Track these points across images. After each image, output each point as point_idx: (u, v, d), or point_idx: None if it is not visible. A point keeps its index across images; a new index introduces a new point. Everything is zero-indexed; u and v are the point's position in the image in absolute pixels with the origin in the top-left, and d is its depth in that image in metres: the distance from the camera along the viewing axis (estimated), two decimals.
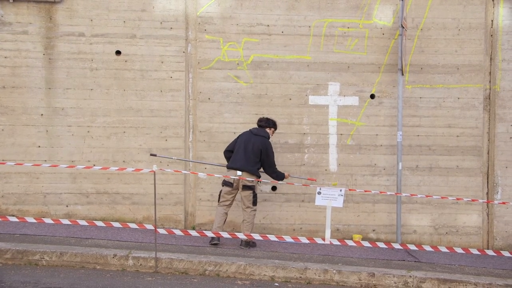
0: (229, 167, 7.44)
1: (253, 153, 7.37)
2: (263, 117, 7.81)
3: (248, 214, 7.44)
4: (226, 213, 7.47)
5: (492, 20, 8.50)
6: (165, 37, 8.28)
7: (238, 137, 7.61)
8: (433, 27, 8.46)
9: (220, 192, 7.49)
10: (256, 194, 7.49)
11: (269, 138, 7.60)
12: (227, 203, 7.44)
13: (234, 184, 7.36)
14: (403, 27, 7.97)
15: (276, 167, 7.64)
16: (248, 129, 7.67)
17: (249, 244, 7.46)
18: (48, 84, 8.19)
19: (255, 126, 7.78)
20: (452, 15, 8.45)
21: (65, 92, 8.21)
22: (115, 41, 8.24)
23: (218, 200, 7.50)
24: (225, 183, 7.42)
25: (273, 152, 7.56)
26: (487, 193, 8.58)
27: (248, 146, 7.38)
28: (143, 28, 8.26)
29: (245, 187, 7.38)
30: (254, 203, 7.46)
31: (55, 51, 8.18)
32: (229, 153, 7.58)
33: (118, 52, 8.26)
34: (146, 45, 8.27)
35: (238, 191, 7.45)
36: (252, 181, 7.35)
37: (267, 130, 7.65)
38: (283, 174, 7.71)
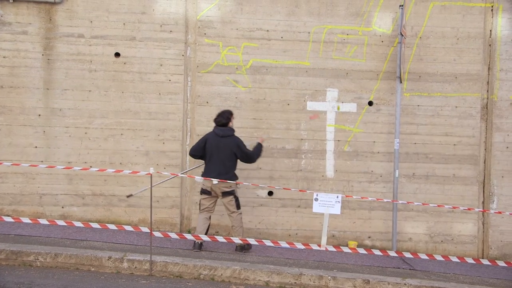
0: (204, 177, 7.26)
1: (227, 158, 7.24)
2: (220, 115, 7.42)
3: (235, 219, 7.34)
4: (208, 218, 7.34)
5: (490, 30, 8.54)
6: (165, 40, 8.29)
7: (205, 141, 7.31)
8: (432, 36, 8.50)
9: (200, 200, 7.40)
10: (237, 198, 7.35)
11: (234, 131, 7.43)
12: (208, 210, 7.33)
13: (212, 192, 7.26)
14: (402, 35, 7.99)
15: (248, 148, 7.43)
16: (211, 131, 7.40)
17: (244, 248, 7.43)
18: (46, 84, 8.19)
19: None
20: (451, 24, 8.49)
21: (63, 93, 8.20)
22: (115, 43, 8.24)
23: (199, 208, 7.39)
24: (203, 191, 7.31)
25: (244, 144, 7.38)
26: (483, 202, 8.60)
27: (220, 153, 7.21)
28: (142, 31, 8.26)
29: (226, 193, 7.26)
30: (238, 206, 7.34)
31: (54, 52, 8.18)
32: (196, 156, 7.39)
33: (117, 54, 8.26)
34: (145, 47, 8.27)
35: (219, 198, 7.33)
36: (231, 186, 7.25)
37: (230, 124, 7.45)
38: (260, 146, 7.56)
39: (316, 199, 7.46)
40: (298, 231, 8.48)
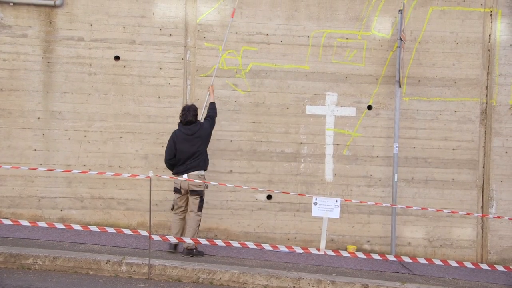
0: (174, 173, 7.19)
1: (198, 150, 7.12)
2: (186, 111, 7.20)
3: (193, 219, 7.12)
4: (183, 219, 7.23)
5: (489, 35, 8.56)
6: (164, 43, 8.30)
7: (174, 144, 7.16)
8: (431, 40, 8.51)
9: (174, 199, 7.28)
10: (203, 200, 7.23)
11: (199, 120, 7.34)
12: (181, 209, 7.21)
13: (182, 190, 7.13)
14: (402, 40, 8.01)
15: (211, 118, 7.40)
16: (177, 130, 7.23)
17: (192, 252, 7.12)
18: (46, 87, 8.19)
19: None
20: (450, 29, 8.51)
21: (62, 96, 8.20)
22: (114, 46, 8.25)
23: (173, 208, 7.25)
24: (175, 190, 7.21)
25: (209, 121, 7.34)
26: (482, 207, 8.60)
27: (191, 148, 7.09)
28: (142, 34, 8.27)
29: (193, 192, 7.11)
30: (200, 208, 7.17)
31: (54, 55, 8.18)
32: (171, 161, 7.24)
33: (117, 58, 8.27)
34: (145, 51, 8.28)
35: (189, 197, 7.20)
36: (200, 185, 7.13)
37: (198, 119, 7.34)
38: (213, 104, 7.54)
39: (315, 203, 7.47)
40: (297, 235, 8.47)
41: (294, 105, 8.45)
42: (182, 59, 8.33)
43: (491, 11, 8.52)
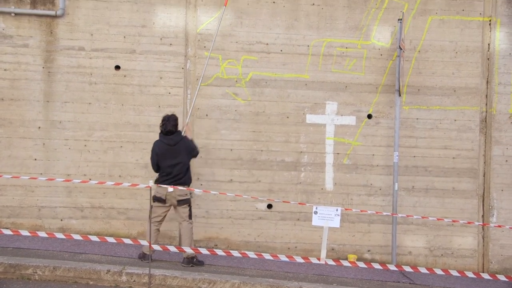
0: (159, 184, 7.04)
1: (182, 163, 7.07)
2: (166, 121, 7.12)
3: (186, 227, 7.10)
4: (158, 229, 7.18)
5: (489, 44, 8.59)
6: (165, 53, 8.33)
7: (156, 156, 7.08)
8: (431, 49, 8.54)
9: (152, 208, 7.07)
10: (191, 207, 7.22)
11: (181, 133, 7.27)
12: (159, 219, 7.13)
13: (167, 201, 7.03)
14: (401, 49, 8.03)
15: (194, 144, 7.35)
16: (158, 141, 7.15)
17: (193, 261, 7.09)
18: (47, 97, 8.21)
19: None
20: (450, 38, 8.54)
21: (63, 106, 8.22)
22: (115, 56, 8.27)
23: (150, 216, 7.05)
24: (157, 199, 7.04)
25: (193, 142, 7.34)
26: (483, 216, 8.59)
27: (173, 160, 7.02)
28: (143, 44, 8.30)
29: (181, 202, 7.05)
30: (190, 216, 7.18)
31: (55, 65, 8.21)
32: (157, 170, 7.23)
33: (117, 67, 8.30)
34: (145, 60, 8.31)
35: (172, 207, 7.12)
36: (186, 194, 7.10)
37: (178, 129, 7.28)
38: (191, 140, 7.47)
39: (316, 212, 7.45)
40: (298, 244, 8.45)
41: (294, 114, 8.46)
42: (183, 68, 8.35)
43: (490, 20, 8.55)
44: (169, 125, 7.11)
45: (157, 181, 7.14)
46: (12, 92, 8.16)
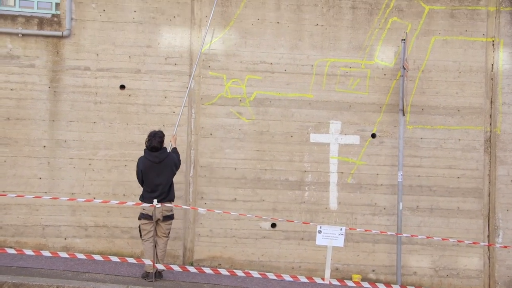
0: (146, 202, 7.06)
1: (166, 178, 7.08)
2: (152, 137, 7.07)
3: (165, 243, 7.15)
4: (154, 246, 7.12)
5: (492, 64, 8.61)
6: (169, 72, 8.40)
7: (141, 173, 7.07)
8: (434, 69, 8.57)
9: (141, 226, 7.13)
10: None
11: (166, 149, 7.24)
12: (151, 234, 7.09)
13: (154, 217, 7.01)
14: (405, 68, 8.07)
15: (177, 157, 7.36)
16: (143, 157, 7.11)
17: (161, 275, 7.17)
18: (52, 116, 8.27)
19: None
20: (453, 58, 8.57)
21: (68, 125, 8.27)
22: (120, 75, 8.35)
23: (142, 235, 7.11)
24: (145, 216, 7.03)
25: (177, 155, 7.35)
26: (488, 236, 8.53)
27: (159, 176, 7.02)
28: (147, 64, 8.38)
29: (166, 217, 7.09)
30: (170, 231, 7.24)
31: (61, 84, 8.29)
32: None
33: (122, 87, 8.36)
34: (150, 80, 8.37)
35: (158, 222, 7.11)
36: (171, 210, 7.11)
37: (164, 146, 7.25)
38: (175, 149, 7.49)
39: (320, 232, 7.42)
40: (302, 264, 8.41)
41: (298, 133, 8.48)
42: (187, 87, 8.41)
43: (493, 41, 8.59)
44: (155, 141, 7.06)
45: (142, 198, 7.15)
46: (18, 112, 8.23)
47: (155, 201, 6.92)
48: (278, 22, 8.49)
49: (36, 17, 8.30)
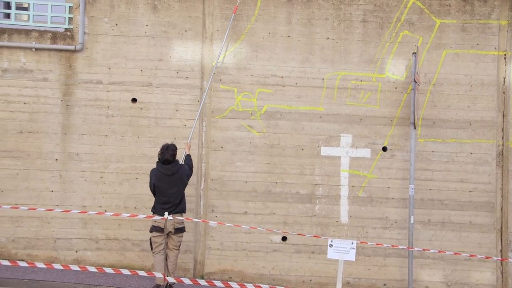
0: (158, 214, 7.08)
1: (179, 190, 7.11)
2: (165, 150, 7.11)
3: (175, 256, 7.15)
4: (165, 258, 7.12)
5: (504, 78, 8.58)
6: (181, 86, 8.44)
7: (153, 185, 7.11)
8: (446, 83, 8.55)
9: (152, 238, 7.13)
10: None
11: (178, 161, 7.27)
12: (162, 247, 7.10)
13: (165, 229, 7.03)
14: (416, 82, 8.06)
15: (190, 166, 7.41)
16: (155, 169, 7.14)
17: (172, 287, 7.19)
18: (64, 129, 8.33)
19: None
20: (465, 71, 8.55)
21: (80, 138, 8.33)
22: (132, 89, 8.41)
23: (153, 247, 7.11)
24: (156, 228, 7.05)
25: (190, 166, 7.38)
26: (501, 251, 8.45)
27: (171, 188, 7.05)
28: (159, 77, 8.43)
29: (178, 230, 7.10)
30: (180, 243, 7.24)
31: (73, 98, 8.36)
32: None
33: (134, 100, 8.42)
34: (161, 93, 8.42)
35: (169, 235, 7.12)
36: (183, 222, 7.12)
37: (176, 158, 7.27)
38: (189, 156, 7.54)
39: (331, 245, 7.38)
40: (312, 278, 8.37)
41: (309, 147, 8.48)
42: (198, 101, 8.44)
43: (505, 55, 8.56)
44: (167, 154, 7.10)
45: (153, 209, 7.17)
46: (31, 125, 8.30)
47: (166, 214, 6.93)
48: (289, 36, 8.52)
49: (50, 31, 8.39)
